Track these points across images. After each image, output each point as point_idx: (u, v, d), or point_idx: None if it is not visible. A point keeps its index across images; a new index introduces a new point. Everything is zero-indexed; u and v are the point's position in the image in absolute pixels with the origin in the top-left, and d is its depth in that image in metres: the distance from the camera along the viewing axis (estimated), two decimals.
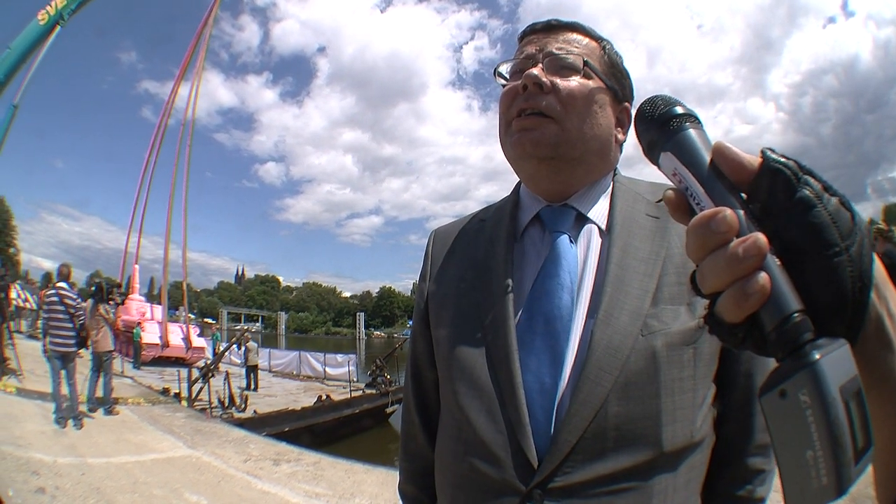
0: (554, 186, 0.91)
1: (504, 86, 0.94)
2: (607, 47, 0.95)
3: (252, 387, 14.55)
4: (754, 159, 0.41)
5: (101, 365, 7.69)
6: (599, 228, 0.88)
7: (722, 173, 0.42)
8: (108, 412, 7.65)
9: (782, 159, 0.40)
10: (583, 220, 0.89)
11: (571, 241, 0.87)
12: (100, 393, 7.73)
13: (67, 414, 6.44)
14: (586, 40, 0.93)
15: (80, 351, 6.90)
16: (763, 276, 0.36)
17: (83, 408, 7.04)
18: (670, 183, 0.46)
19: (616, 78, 0.93)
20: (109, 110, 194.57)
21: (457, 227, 1.05)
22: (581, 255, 0.86)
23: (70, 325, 6.38)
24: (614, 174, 0.95)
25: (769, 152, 0.40)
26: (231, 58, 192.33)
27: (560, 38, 0.91)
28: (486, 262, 0.92)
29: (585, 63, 0.88)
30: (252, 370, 15.02)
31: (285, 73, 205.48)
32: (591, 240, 0.87)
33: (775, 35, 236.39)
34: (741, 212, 0.39)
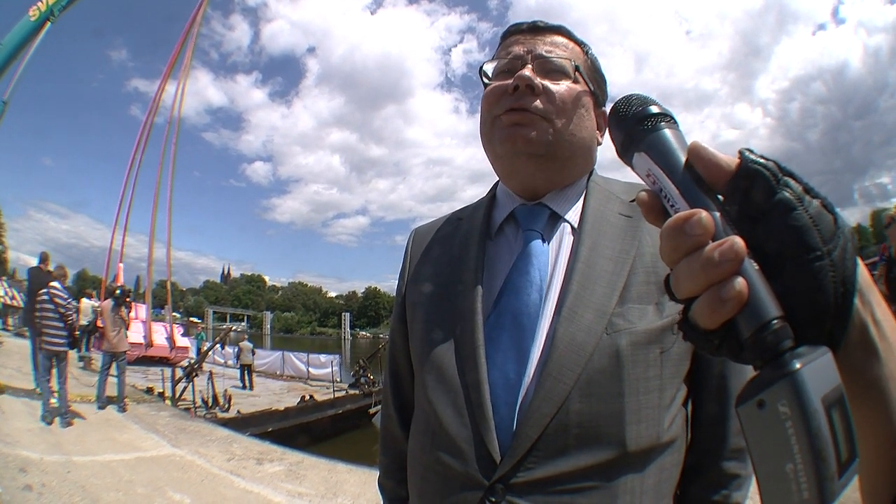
0: (535, 184, 0.91)
1: (487, 84, 0.94)
2: (589, 52, 0.97)
3: (247, 386, 14.59)
4: (732, 160, 0.39)
5: (115, 364, 8.05)
6: (572, 227, 0.89)
7: (698, 175, 0.40)
8: (122, 409, 7.89)
9: (761, 160, 0.38)
10: (556, 218, 0.90)
11: (543, 240, 0.87)
12: (113, 392, 8.00)
13: (55, 412, 6.49)
14: (571, 44, 0.94)
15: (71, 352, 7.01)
16: (740, 282, 0.35)
17: (76, 407, 7.16)
18: (645, 184, 0.45)
19: (597, 82, 0.96)
20: (99, 108, 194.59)
21: (435, 227, 1.06)
22: (552, 253, 0.86)
23: (61, 325, 6.47)
24: (590, 175, 0.95)
25: (747, 153, 0.39)
26: (221, 57, 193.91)
27: (547, 40, 0.92)
28: (459, 260, 0.93)
29: (576, 68, 0.90)
30: (246, 369, 15.04)
31: (275, 73, 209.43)
32: (562, 238, 0.88)
33: (764, 41, 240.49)
34: (717, 214, 0.38)
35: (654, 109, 0.45)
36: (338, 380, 15.63)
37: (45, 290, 6.64)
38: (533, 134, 0.86)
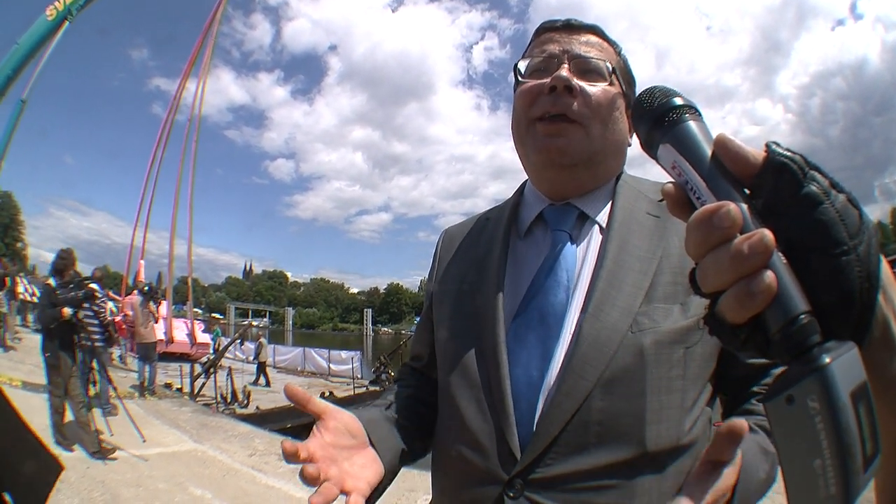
0: (566, 189, 0.92)
1: (520, 82, 0.92)
2: (622, 52, 0.96)
3: (263, 382, 14.53)
4: (758, 153, 0.39)
5: (148, 354, 9.22)
6: (600, 227, 0.89)
7: (724, 167, 0.40)
8: (152, 393, 9.00)
9: (788, 153, 0.38)
10: (585, 219, 0.90)
11: (572, 240, 0.88)
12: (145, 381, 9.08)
13: (96, 404, 6.74)
14: (605, 44, 0.93)
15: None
16: (769, 275, 0.34)
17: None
18: (670, 176, 0.45)
19: (629, 84, 0.95)
20: (120, 107, 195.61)
21: (465, 227, 1.07)
22: (580, 253, 0.87)
23: (97, 322, 6.63)
24: (619, 174, 0.95)
25: (774, 146, 0.39)
26: (242, 56, 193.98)
27: (582, 39, 0.91)
28: (484, 260, 0.93)
29: (612, 71, 0.89)
30: (262, 366, 15.04)
31: (296, 71, 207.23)
32: (591, 238, 0.88)
33: (784, 37, 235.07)
34: (745, 206, 0.37)
35: (678, 101, 0.45)
36: (358, 376, 15.60)
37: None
38: (567, 145, 0.86)
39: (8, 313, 10.44)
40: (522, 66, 0.94)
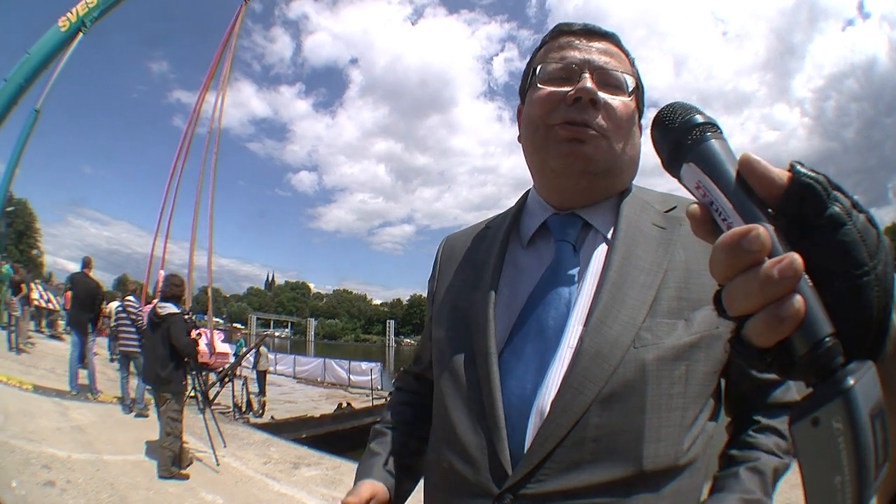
0: (578, 198, 0.90)
1: (537, 87, 0.89)
2: (635, 63, 0.94)
3: (262, 392, 14.48)
4: (783, 173, 0.38)
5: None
6: (605, 237, 0.87)
7: (749, 187, 0.39)
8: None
9: (812, 174, 0.37)
10: (589, 228, 0.89)
11: (575, 250, 0.86)
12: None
13: (133, 405, 7.55)
14: (622, 55, 0.92)
15: None
16: (798, 300, 0.34)
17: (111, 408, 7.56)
18: (684, 193, 0.44)
19: (641, 96, 0.94)
20: (140, 119, 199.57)
21: (465, 235, 1.06)
22: (583, 264, 0.85)
23: (133, 330, 7.51)
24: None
25: (798, 166, 0.38)
26: (263, 69, 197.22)
27: (601, 48, 0.89)
28: (481, 270, 0.92)
29: (636, 85, 0.88)
30: (262, 375, 15.00)
31: (318, 84, 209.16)
32: (595, 249, 0.86)
33: (798, 39, 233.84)
34: (771, 228, 0.37)
35: (700, 119, 0.45)
36: (378, 387, 15.48)
37: (119, 304, 7.88)
38: (592, 152, 0.84)
39: (21, 318, 10.53)
40: (539, 69, 0.90)
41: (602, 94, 0.84)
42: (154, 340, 5.38)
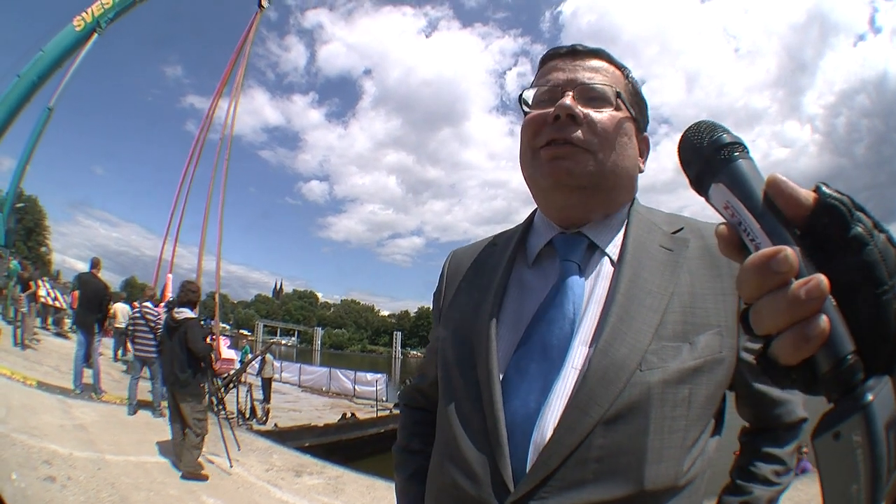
0: (576, 215, 0.90)
1: (527, 113, 0.92)
2: (630, 75, 0.95)
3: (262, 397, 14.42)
4: (809, 194, 0.39)
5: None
6: (610, 258, 0.87)
7: (776, 208, 0.40)
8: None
9: (836, 195, 0.39)
10: (595, 249, 0.88)
11: (580, 270, 0.86)
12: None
13: (156, 408, 7.62)
14: (612, 68, 0.92)
15: None
16: (824, 319, 0.36)
17: (115, 409, 7.51)
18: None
19: (639, 107, 0.94)
20: (153, 122, 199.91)
21: (472, 250, 1.06)
22: (589, 285, 0.85)
23: (151, 336, 7.54)
24: (631, 203, 0.93)
25: (824, 188, 0.39)
26: (277, 77, 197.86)
27: (587, 65, 0.91)
28: (486, 287, 0.93)
29: (618, 95, 0.88)
30: (267, 382, 14.96)
31: (331, 94, 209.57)
32: (600, 270, 0.86)
33: (809, 55, 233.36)
34: (798, 249, 0.38)
35: (727, 138, 0.45)
36: (383, 399, 15.42)
37: (138, 310, 7.97)
38: (573, 166, 0.85)
39: (27, 314, 10.56)
40: (528, 96, 0.93)
41: (585, 109, 0.85)
42: (172, 344, 5.47)
